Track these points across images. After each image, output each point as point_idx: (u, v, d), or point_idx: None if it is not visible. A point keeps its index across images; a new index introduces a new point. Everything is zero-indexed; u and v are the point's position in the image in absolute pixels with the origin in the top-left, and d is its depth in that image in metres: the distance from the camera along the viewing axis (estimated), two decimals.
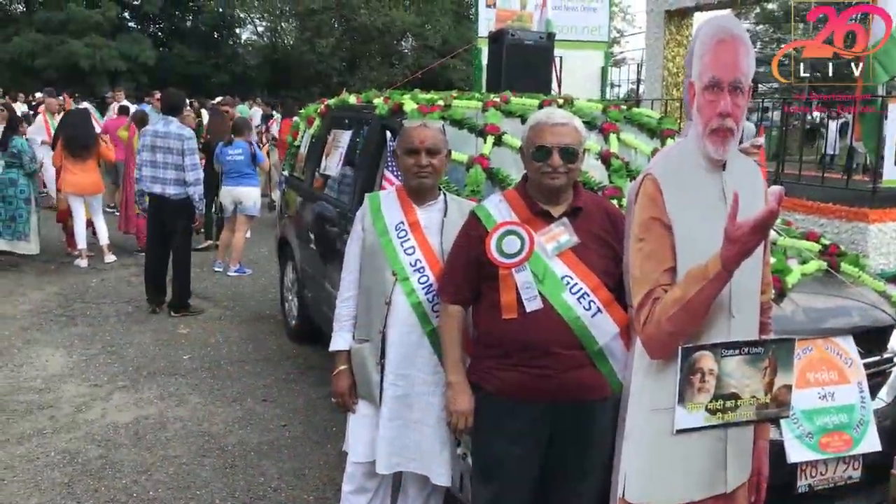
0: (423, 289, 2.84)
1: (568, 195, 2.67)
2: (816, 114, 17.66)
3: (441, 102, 4.71)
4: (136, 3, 30.50)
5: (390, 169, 4.02)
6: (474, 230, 2.67)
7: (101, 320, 7.08)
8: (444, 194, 3.05)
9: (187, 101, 10.38)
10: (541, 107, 4.80)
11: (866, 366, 3.26)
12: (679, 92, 11.66)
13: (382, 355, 2.90)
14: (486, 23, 16.37)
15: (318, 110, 6.19)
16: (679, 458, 2.39)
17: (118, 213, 10.98)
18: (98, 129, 10.32)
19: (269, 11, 30.40)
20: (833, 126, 18.71)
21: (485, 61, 16.19)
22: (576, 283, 2.56)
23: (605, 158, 4.39)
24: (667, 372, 2.39)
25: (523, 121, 4.58)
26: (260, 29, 33.14)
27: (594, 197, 2.79)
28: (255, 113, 17.85)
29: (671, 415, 2.36)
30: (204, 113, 11.99)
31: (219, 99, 13.33)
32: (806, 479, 3.07)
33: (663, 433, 2.39)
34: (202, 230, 8.79)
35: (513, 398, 2.57)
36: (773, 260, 3.44)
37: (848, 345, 3.21)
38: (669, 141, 4.71)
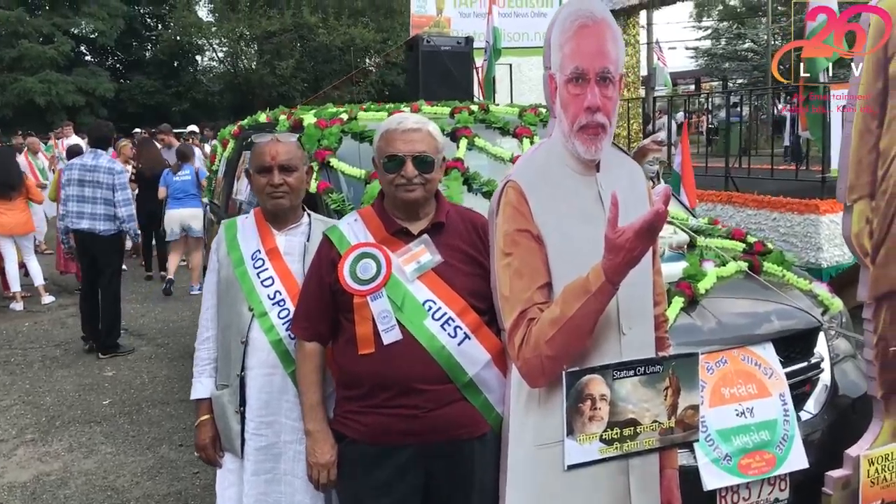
0: (285, 324, 2.53)
1: (429, 209, 2.38)
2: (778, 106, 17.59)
3: (344, 116, 4.42)
4: (92, 36, 30.08)
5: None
6: (326, 255, 2.37)
7: (24, 367, 6.71)
8: (309, 215, 2.75)
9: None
10: (452, 115, 4.53)
11: (790, 374, 2.99)
12: (630, 92, 11.46)
13: (242, 402, 2.58)
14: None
15: (232, 132, 5.88)
16: (573, 498, 2.11)
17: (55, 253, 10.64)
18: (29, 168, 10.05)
19: (228, 36, 30.08)
20: (790, 117, 18.65)
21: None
22: (439, 308, 2.27)
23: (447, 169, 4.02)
24: (551, 401, 2.11)
25: None
26: (220, 54, 32.80)
27: (460, 209, 2.50)
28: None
29: (560, 449, 2.08)
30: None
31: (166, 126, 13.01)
32: None
33: (552, 471, 2.10)
34: (143, 263, 8.53)
35: (378, 444, 2.27)
36: (685, 264, 3.16)
37: (767, 353, 2.93)
38: None
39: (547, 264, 2.09)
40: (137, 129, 14.30)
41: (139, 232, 7.06)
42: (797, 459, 2.84)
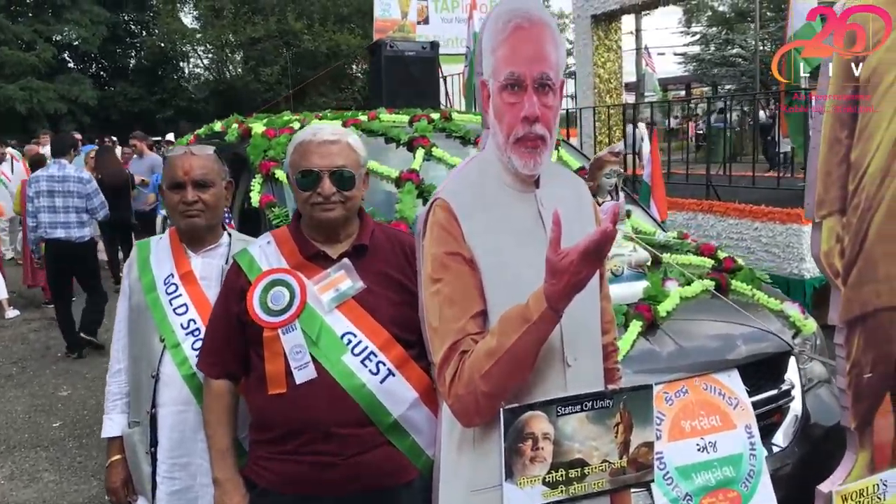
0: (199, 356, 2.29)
1: (351, 230, 2.15)
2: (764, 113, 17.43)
3: (296, 124, 4.19)
4: (74, 42, 29.77)
5: None
6: (235, 282, 2.14)
7: None
8: (230, 235, 2.52)
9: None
10: (411, 123, 4.30)
11: (757, 404, 2.77)
12: (612, 98, 11.27)
13: (154, 442, 2.34)
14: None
15: (188, 141, 5.64)
16: None
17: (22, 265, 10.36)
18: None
19: (212, 43, 29.83)
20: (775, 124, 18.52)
21: None
22: (360, 342, 2.04)
23: (398, 181, 3.77)
24: (487, 441, 1.88)
25: (387, 140, 4.12)
26: (205, 61, 32.54)
27: (388, 229, 2.27)
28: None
29: (498, 494, 1.84)
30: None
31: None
32: None
33: None
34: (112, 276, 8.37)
35: (293, 495, 2.03)
36: (646, 284, 2.94)
37: (732, 382, 2.71)
38: (556, 152, 4.23)
39: (481, 291, 1.86)
40: (114, 137, 13.98)
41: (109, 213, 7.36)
42: (764, 497, 2.62)
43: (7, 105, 25.38)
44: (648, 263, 3.11)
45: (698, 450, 2.58)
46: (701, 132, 18.90)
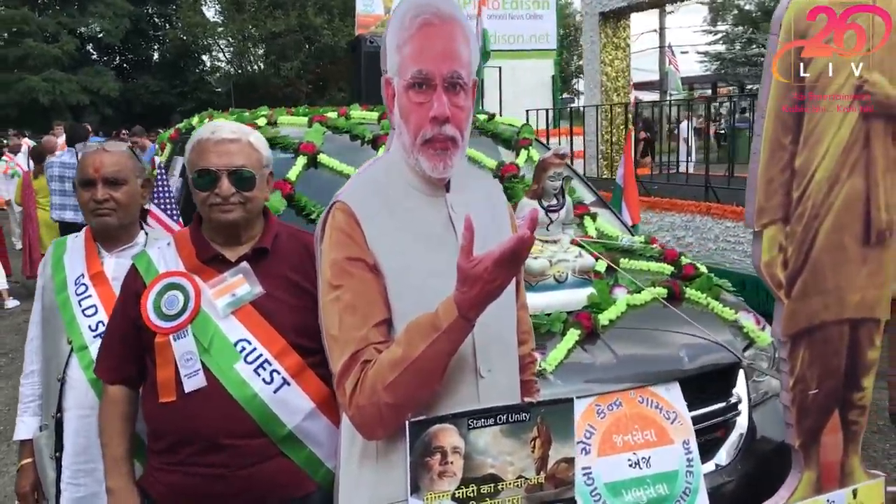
0: None
1: (253, 232, 2.08)
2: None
3: (262, 121, 4.13)
4: (98, 35, 30.05)
5: (163, 204, 3.37)
6: (132, 285, 2.06)
7: None
8: (146, 234, 2.45)
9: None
10: (379, 120, 4.22)
11: (700, 418, 2.65)
12: (620, 97, 11.10)
13: (59, 447, 2.29)
14: None
15: (170, 136, 5.60)
16: None
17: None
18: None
19: (234, 37, 29.95)
20: None
21: None
22: (254, 349, 1.96)
23: None
24: (391, 455, 1.79)
25: (352, 137, 4.04)
26: (227, 55, 32.70)
27: (294, 231, 2.19)
28: None
29: None
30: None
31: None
32: None
33: None
34: None
35: None
36: (591, 291, 2.84)
37: (671, 395, 2.60)
38: (525, 152, 4.13)
39: (385, 298, 1.77)
40: (125, 132, 14.06)
41: None
42: None
43: (30, 96, 25.68)
44: (594, 270, 3.00)
45: (630, 465, 2.47)
46: (722, 132, 18.60)
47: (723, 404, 2.73)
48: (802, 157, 2.41)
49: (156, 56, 32.68)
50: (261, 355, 1.96)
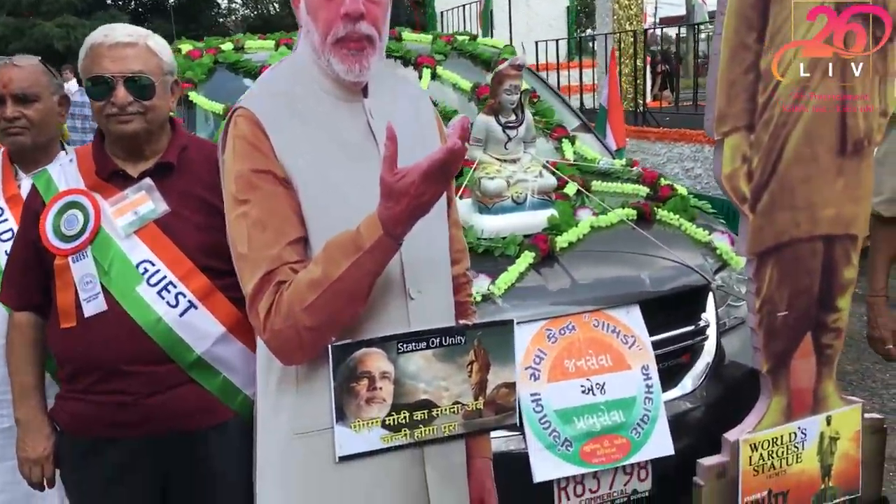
0: None
1: (158, 146, 1.94)
2: None
3: (228, 45, 3.96)
4: None
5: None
6: (32, 205, 1.95)
7: None
8: (67, 153, 2.33)
9: None
10: None
11: (662, 343, 2.51)
12: (633, 25, 10.72)
13: None
14: None
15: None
16: (351, 495, 1.69)
17: None
18: None
19: None
20: None
21: (437, 9, 15.52)
22: (157, 271, 1.85)
23: None
24: (313, 380, 1.67)
25: None
26: None
27: (205, 144, 2.05)
28: None
29: (329, 438, 1.65)
30: None
31: None
32: (568, 499, 2.34)
33: (320, 463, 1.67)
34: None
35: (87, 437, 1.88)
36: (552, 212, 2.68)
37: (631, 318, 2.45)
38: None
39: (300, 214, 1.62)
40: None
41: None
42: (659, 445, 2.38)
43: (45, 42, 25.47)
44: (560, 191, 2.83)
45: (583, 392, 2.35)
46: None
47: (689, 328, 2.58)
48: (769, 57, 2.20)
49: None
50: (165, 277, 1.84)
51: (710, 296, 2.64)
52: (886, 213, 2.62)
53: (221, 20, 31.58)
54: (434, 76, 3.79)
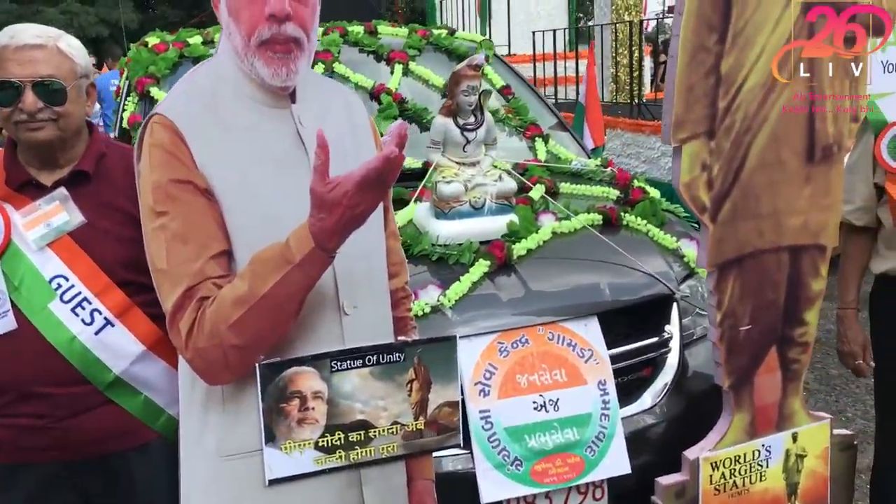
0: None
1: (74, 153, 1.85)
2: None
3: (196, 38, 3.85)
4: None
5: None
6: None
7: None
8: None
9: None
10: (324, 34, 3.92)
11: (625, 355, 2.41)
12: (632, 15, 10.54)
13: None
14: None
15: (126, 60, 5.35)
16: None
17: None
18: None
19: None
20: None
21: None
22: (71, 287, 1.77)
23: (374, 95, 3.52)
24: (240, 400, 1.58)
25: None
26: None
27: (124, 150, 1.96)
28: None
29: (256, 461, 1.56)
30: None
31: None
32: None
33: (249, 487, 1.59)
34: None
35: (3, 462, 1.80)
36: (513, 217, 2.58)
37: (588, 331, 2.35)
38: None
39: (223, 227, 1.53)
40: None
41: None
42: (615, 464, 2.29)
43: None
44: (525, 195, 2.73)
45: (535, 408, 2.25)
46: None
47: (650, 341, 2.48)
48: (731, 59, 2.09)
49: None
50: (79, 293, 1.76)
51: (675, 306, 2.53)
52: (858, 223, 2.51)
53: None
54: (406, 72, 3.68)
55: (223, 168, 1.52)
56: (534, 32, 10.22)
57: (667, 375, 2.47)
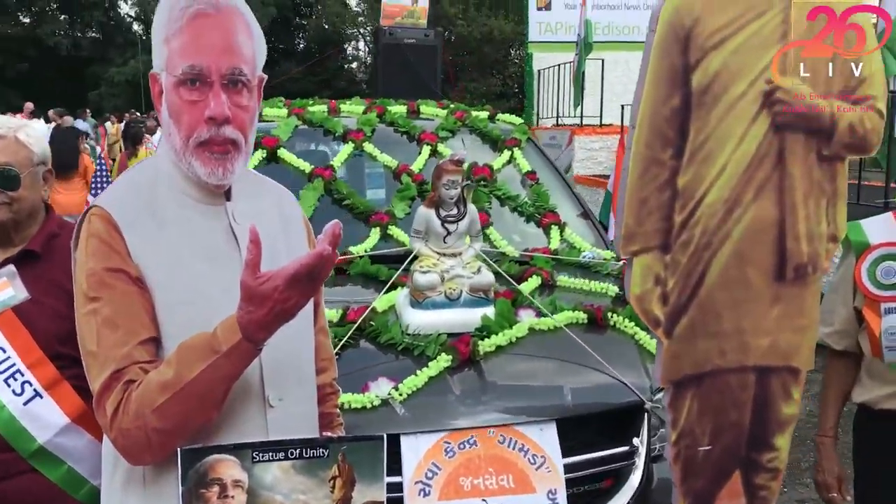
0: None
1: (27, 233, 2.00)
2: None
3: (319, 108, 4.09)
4: None
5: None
6: None
7: None
8: None
9: None
10: (365, 113, 4.06)
11: (582, 465, 2.34)
12: None
13: None
14: (537, 26, 15.62)
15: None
16: None
17: None
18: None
19: (374, 25, 30.63)
20: None
21: (535, 67, 15.54)
22: (7, 358, 1.88)
23: (396, 174, 3.60)
24: (162, 481, 1.65)
25: (325, 132, 3.91)
26: (369, 45, 33.46)
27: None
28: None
29: None
30: None
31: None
32: None
33: None
34: None
35: None
36: (489, 310, 2.58)
37: (543, 437, 2.29)
38: (508, 153, 3.85)
39: (153, 315, 1.61)
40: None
41: None
42: None
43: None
44: (509, 289, 2.72)
45: None
46: None
47: (613, 451, 2.39)
48: (688, 175, 2.05)
49: (302, 45, 33.80)
50: (13, 365, 1.87)
51: (646, 417, 2.44)
52: (837, 346, 2.37)
53: (346, 66, 32.79)
54: (434, 153, 3.75)
55: (156, 260, 1.60)
56: (623, 106, 10.19)
57: (629, 490, 2.37)
